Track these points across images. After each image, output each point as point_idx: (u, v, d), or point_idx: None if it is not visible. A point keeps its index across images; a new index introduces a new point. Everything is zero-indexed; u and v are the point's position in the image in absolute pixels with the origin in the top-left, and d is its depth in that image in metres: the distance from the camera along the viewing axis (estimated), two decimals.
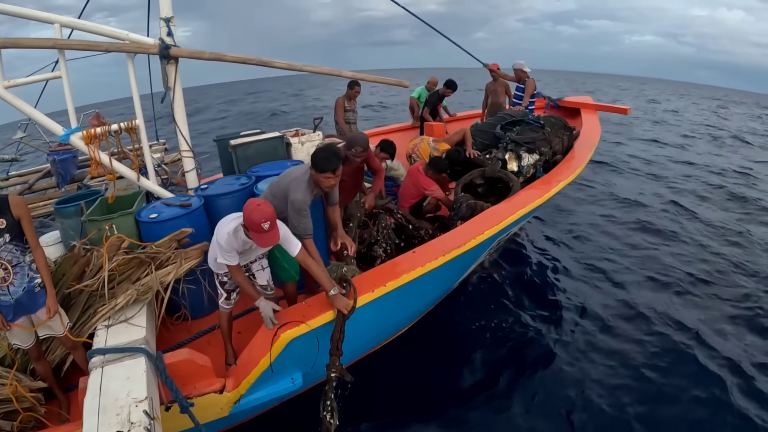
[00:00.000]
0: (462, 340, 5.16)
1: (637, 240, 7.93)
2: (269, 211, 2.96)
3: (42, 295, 3.00)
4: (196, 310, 4.27)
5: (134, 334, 3.16)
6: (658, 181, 11.90)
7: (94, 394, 2.59)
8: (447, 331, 5.23)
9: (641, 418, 4.14)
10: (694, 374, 4.69)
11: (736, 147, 17.54)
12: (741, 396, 4.40)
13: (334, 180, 3.50)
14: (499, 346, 5.08)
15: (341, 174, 3.63)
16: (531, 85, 7.82)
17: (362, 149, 4.38)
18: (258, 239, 3.01)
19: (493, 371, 4.72)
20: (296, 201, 3.42)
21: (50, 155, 5.52)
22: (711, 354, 4.96)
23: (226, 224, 3.22)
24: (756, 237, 8.11)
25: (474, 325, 5.34)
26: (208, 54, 4.69)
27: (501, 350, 5.03)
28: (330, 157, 3.43)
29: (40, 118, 4.29)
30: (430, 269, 3.82)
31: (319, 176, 3.45)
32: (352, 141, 4.39)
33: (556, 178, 5.54)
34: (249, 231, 3.04)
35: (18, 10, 4.18)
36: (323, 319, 3.26)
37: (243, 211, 3.01)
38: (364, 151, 4.41)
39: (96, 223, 3.80)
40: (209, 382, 3.13)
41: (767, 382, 4.56)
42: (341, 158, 3.53)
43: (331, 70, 5.41)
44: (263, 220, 2.91)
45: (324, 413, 3.06)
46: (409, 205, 5.60)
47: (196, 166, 4.93)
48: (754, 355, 4.97)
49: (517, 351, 5.06)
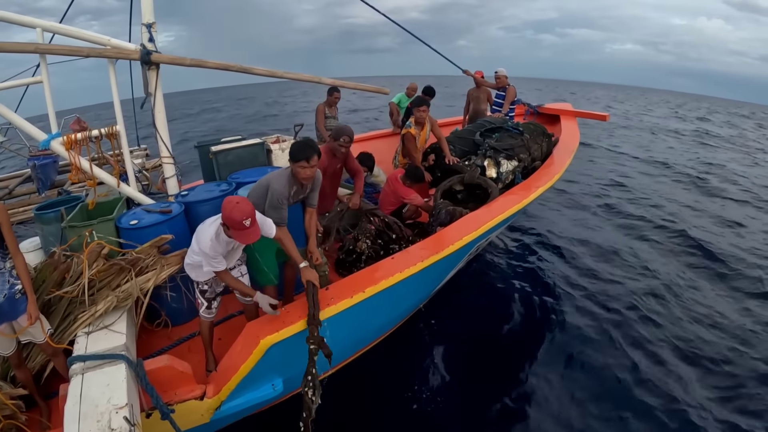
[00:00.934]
0: (443, 344, 5.25)
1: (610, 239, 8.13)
2: (249, 208, 3.02)
3: (23, 302, 2.99)
4: (177, 317, 4.27)
5: (114, 340, 3.17)
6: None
7: (75, 401, 2.61)
8: (427, 335, 5.32)
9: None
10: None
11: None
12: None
13: (309, 170, 3.57)
14: (479, 347, 5.25)
15: (323, 172, 3.83)
16: (512, 92, 7.93)
17: (349, 138, 4.56)
18: (239, 237, 3.06)
19: (471, 373, 4.84)
20: (275, 192, 3.53)
21: (31, 160, 5.50)
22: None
23: (206, 230, 3.24)
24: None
25: (455, 328, 5.44)
26: (189, 60, 4.70)
27: (480, 351, 5.17)
28: (305, 147, 3.55)
29: (20, 123, 4.25)
30: (409, 275, 3.87)
31: (296, 166, 3.55)
32: (340, 131, 4.55)
33: (535, 183, 5.64)
34: (230, 230, 3.07)
35: (1, 14, 4.19)
36: (303, 325, 3.28)
37: (222, 210, 3.05)
38: (350, 141, 4.58)
39: (76, 230, 3.79)
40: (190, 389, 3.14)
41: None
42: (317, 150, 3.62)
43: (311, 78, 5.46)
44: (244, 218, 2.97)
45: (305, 389, 3.02)
46: (388, 212, 5.67)
47: (176, 173, 4.94)
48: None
49: (494, 352, 5.21)
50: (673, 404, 4.45)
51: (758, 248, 8.22)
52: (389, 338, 4.86)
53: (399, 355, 4.93)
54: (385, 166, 7.10)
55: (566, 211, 10.03)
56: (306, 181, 3.68)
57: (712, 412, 4.37)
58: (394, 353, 4.89)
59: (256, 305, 3.83)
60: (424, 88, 8.30)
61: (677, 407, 4.41)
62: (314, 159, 3.55)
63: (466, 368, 4.93)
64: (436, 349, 5.15)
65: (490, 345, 5.31)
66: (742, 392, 4.64)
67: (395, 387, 4.61)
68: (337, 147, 4.54)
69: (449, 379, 4.74)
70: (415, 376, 4.75)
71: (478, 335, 5.46)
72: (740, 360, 5.10)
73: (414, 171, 5.59)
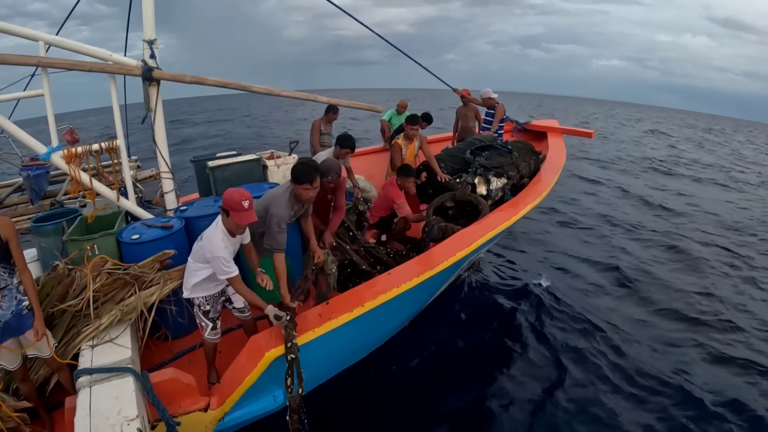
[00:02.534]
0: (431, 357, 5.36)
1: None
2: (248, 193, 3.23)
3: (30, 318, 3.03)
4: (176, 330, 4.32)
5: (120, 354, 3.24)
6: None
7: (85, 414, 2.67)
8: (416, 349, 5.42)
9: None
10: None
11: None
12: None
13: (312, 192, 3.73)
14: (461, 357, 5.44)
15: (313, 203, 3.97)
16: (501, 110, 8.09)
17: (337, 176, 4.61)
18: (238, 217, 3.20)
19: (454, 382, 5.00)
20: (275, 215, 3.66)
21: (24, 170, 5.50)
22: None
23: (213, 234, 3.33)
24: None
25: (445, 342, 5.57)
26: (189, 77, 4.78)
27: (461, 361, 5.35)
28: (308, 169, 3.69)
29: (19, 135, 4.29)
30: (406, 290, 3.98)
31: (299, 188, 3.70)
32: (328, 169, 4.54)
33: (524, 201, 5.79)
34: (230, 212, 3.21)
35: (4, 25, 4.23)
36: (305, 338, 3.37)
37: (223, 197, 3.24)
38: (338, 177, 4.64)
39: (78, 243, 3.85)
40: (194, 401, 3.22)
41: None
42: (318, 170, 3.77)
43: (307, 96, 5.58)
44: (243, 199, 3.19)
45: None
46: (379, 216, 5.81)
47: (175, 187, 5.01)
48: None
49: (474, 361, 5.44)
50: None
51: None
52: (379, 350, 4.95)
53: (388, 367, 5.02)
54: (376, 181, 7.22)
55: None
56: (307, 202, 3.82)
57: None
58: (384, 366, 4.97)
59: (254, 321, 3.94)
60: (423, 114, 8.37)
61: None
62: (317, 181, 3.71)
63: (449, 377, 5.07)
64: (422, 360, 5.27)
65: (471, 355, 5.49)
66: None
67: (387, 397, 4.71)
68: (325, 183, 4.53)
69: (435, 388, 4.90)
70: (403, 385, 4.86)
71: (460, 346, 5.66)
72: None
73: (404, 167, 5.71)
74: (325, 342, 3.49)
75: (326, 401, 4.21)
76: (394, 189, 5.64)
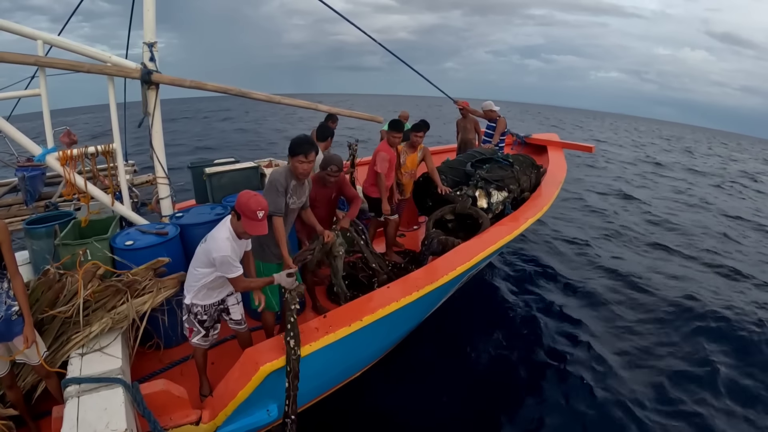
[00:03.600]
0: (431, 371, 5.28)
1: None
2: (264, 203, 3.17)
3: (19, 323, 2.94)
4: (168, 340, 4.24)
5: (110, 364, 3.15)
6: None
7: (72, 425, 2.59)
8: (415, 362, 5.34)
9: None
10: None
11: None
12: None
13: (307, 165, 3.74)
14: (468, 374, 5.29)
15: (315, 201, 4.15)
16: (502, 123, 8.06)
17: (337, 168, 4.58)
18: (249, 226, 3.13)
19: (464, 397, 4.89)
20: (272, 179, 3.76)
21: (19, 171, 5.42)
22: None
23: (219, 235, 3.23)
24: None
25: (443, 356, 5.50)
26: (189, 82, 4.73)
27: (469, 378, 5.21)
28: (302, 142, 3.73)
29: (15, 135, 4.21)
30: (405, 304, 3.91)
31: (293, 160, 3.72)
32: (328, 160, 4.58)
33: (524, 215, 5.75)
34: (242, 217, 3.13)
35: (3, 23, 4.17)
36: (303, 352, 3.28)
37: (239, 199, 3.15)
38: (338, 171, 4.60)
39: (70, 248, 3.77)
40: (185, 413, 3.14)
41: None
42: (314, 146, 3.81)
43: (308, 104, 5.53)
44: (259, 208, 3.11)
45: (287, 339, 3.18)
46: (369, 184, 5.82)
47: (171, 193, 4.93)
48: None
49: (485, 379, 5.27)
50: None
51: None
52: (379, 364, 4.89)
53: (386, 380, 4.94)
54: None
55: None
56: (302, 176, 3.82)
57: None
58: (384, 378, 4.91)
59: (249, 333, 3.86)
60: (421, 121, 8.37)
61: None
62: (311, 155, 3.74)
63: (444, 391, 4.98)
64: (419, 375, 5.19)
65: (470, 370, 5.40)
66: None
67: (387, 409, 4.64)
68: (326, 176, 4.57)
69: (433, 400, 4.82)
70: (400, 398, 4.79)
71: (459, 360, 5.58)
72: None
73: (392, 121, 5.80)
74: (322, 356, 3.41)
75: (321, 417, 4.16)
76: (380, 145, 5.70)
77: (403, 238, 6.96)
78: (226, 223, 3.29)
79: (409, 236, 7.17)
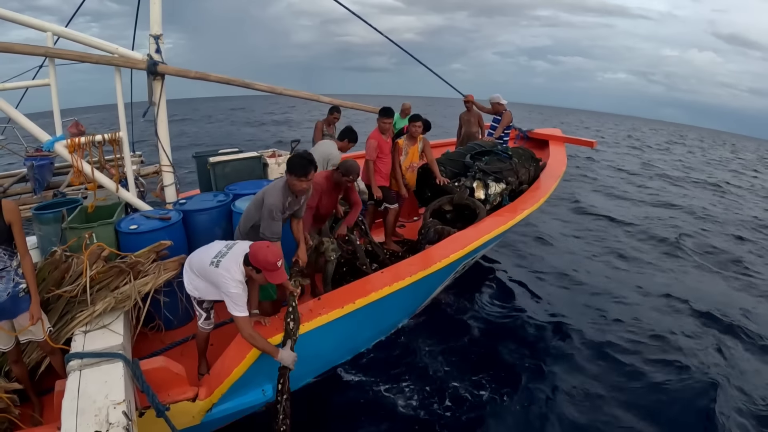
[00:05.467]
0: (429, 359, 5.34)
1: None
2: (280, 252, 3.27)
3: (26, 301, 3.07)
4: (171, 321, 4.36)
5: (112, 340, 3.27)
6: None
7: (73, 396, 2.69)
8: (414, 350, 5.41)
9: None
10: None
11: None
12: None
13: (305, 184, 3.74)
14: (464, 363, 5.30)
15: (322, 199, 4.13)
16: (507, 117, 8.09)
17: (357, 176, 4.65)
18: (271, 276, 3.22)
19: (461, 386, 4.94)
20: (268, 204, 3.68)
21: (28, 160, 5.57)
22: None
23: (230, 274, 3.23)
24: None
25: (441, 343, 5.55)
26: (193, 73, 4.86)
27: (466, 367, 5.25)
28: (303, 162, 3.69)
29: (25, 123, 4.34)
30: (397, 288, 4.01)
31: (293, 179, 3.70)
32: (350, 169, 4.57)
33: (521, 206, 5.84)
34: (263, 271, 3.20)
35: (12, 15, 4.30)
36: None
37: (255, 255, 3.19)
38: (357, 178, 4.68)
39: (76, 231, 3.91)
40: (183, 390, 3.25)
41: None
42: (315, 166, 3.79)
43: (310, 95, 5.65)
44: (278, 260, 3.19)
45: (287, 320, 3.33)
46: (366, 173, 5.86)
47: (175, 181, 5.06)
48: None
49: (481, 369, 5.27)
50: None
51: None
52: (373, 350, 4.97)
53: (383, 366, 5.02)
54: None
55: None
56: (300, 194, 3.85)
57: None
58: (381, 364, 4.98)
59: None
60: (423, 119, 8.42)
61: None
62: (311, 174, 3.72)
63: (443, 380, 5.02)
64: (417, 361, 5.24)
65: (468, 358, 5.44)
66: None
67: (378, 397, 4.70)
68: (343, 181, 4.61)
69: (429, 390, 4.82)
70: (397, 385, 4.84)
71: (458, 348, 5.58)
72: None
73: (383, 108, 5.84)
74: (314, 337, 3.52)
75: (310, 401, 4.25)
76: (371, 133, 5.76)
77: (403, 229, 7.06)
78: (239, 263, 3.27)
79: (408, 227, 7.26)
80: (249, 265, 3.24)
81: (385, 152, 5.75)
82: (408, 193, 6.40)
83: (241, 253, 3.31)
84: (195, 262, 3.50)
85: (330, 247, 4.56)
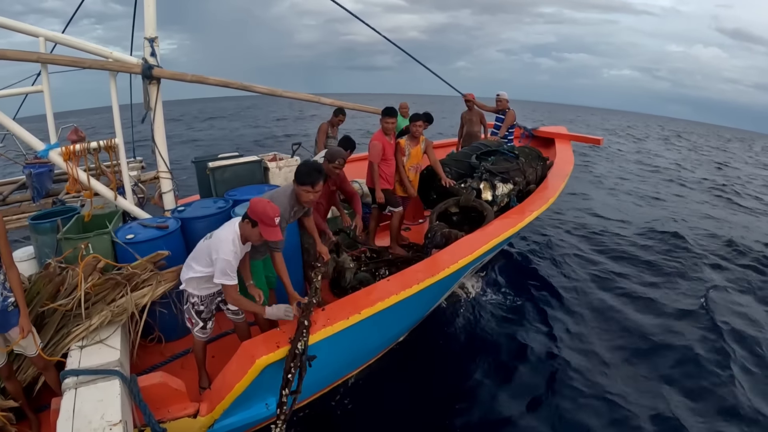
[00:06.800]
0: (437, 364, 5.25)
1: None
2: (278, 208, 3.22)
3: (15, 315, 2.95)
4: (170, 333, 4.25)
5: (108, 356, 3.16)
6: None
7: (68, 416, 2.60)
8: (421, 356, 5.31)
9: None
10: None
11: None
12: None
13: (313, 195, 3.64)
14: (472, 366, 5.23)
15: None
16: (511, 115, 7.99)
17: (343, 161, 4.60)
18: (267, 232, 3.16)
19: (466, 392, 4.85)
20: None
21: (26, 168, 5.46)
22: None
23: (224, 237, 3.23)
24: None
25: (447, 348, 5.47)
26: (190, 76, 4.75)
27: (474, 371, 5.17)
28: (312, 171, 3.59)
29: (19, 132, 4.24)
30: (405, 297, 3.88)
31: (300, 189, 3.61)
32: (335, 154, 4.57)
33: (530, 207, 5.70)
34: (259, 225, 3.14)
35: (4, 21, 4.19)
36: None
37: (253, 207, 3.16)
38: (344, 163, 4.62)
39: (72, 242, 3.79)
40: (183, 406, 3.14)
41: None
42: (324, 175, 3.71)
43: (311, 97, 5.53)
44: (276, 215, 3.15)
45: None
46: (370, 177, 5.79)
47: (174, 188, 4.94)
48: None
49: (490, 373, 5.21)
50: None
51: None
52: (384, 358, 4.86)
53: (392, 375, 4.92)
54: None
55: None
56: (308, 204, 3.74)
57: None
58: (389, 373, 4.88)
59: (247, 324, 3.85)
60: (424, 113, 8.32)
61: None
62: (319, 185, 3.62)
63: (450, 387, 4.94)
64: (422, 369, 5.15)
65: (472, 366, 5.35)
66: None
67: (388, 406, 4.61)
68: (331, 169, 4.54)
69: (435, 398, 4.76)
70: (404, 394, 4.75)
71: (458, 349, 5.55)
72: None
73: (386, 108, 5.72)
74: (319, 350, 3.39)
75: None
76: (374, 135, 5.66)
77: (408, 232, 6.92)
78: (233, 225, 3.29)
79: (414, 230, 7.12)
80: (246, 218, 3.20)
81: (388, 153, 5.62)
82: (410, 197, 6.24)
83: (236, 221, 3.33)
84: (191, 254, 3.49)
85: (347, 259, 4.59)
